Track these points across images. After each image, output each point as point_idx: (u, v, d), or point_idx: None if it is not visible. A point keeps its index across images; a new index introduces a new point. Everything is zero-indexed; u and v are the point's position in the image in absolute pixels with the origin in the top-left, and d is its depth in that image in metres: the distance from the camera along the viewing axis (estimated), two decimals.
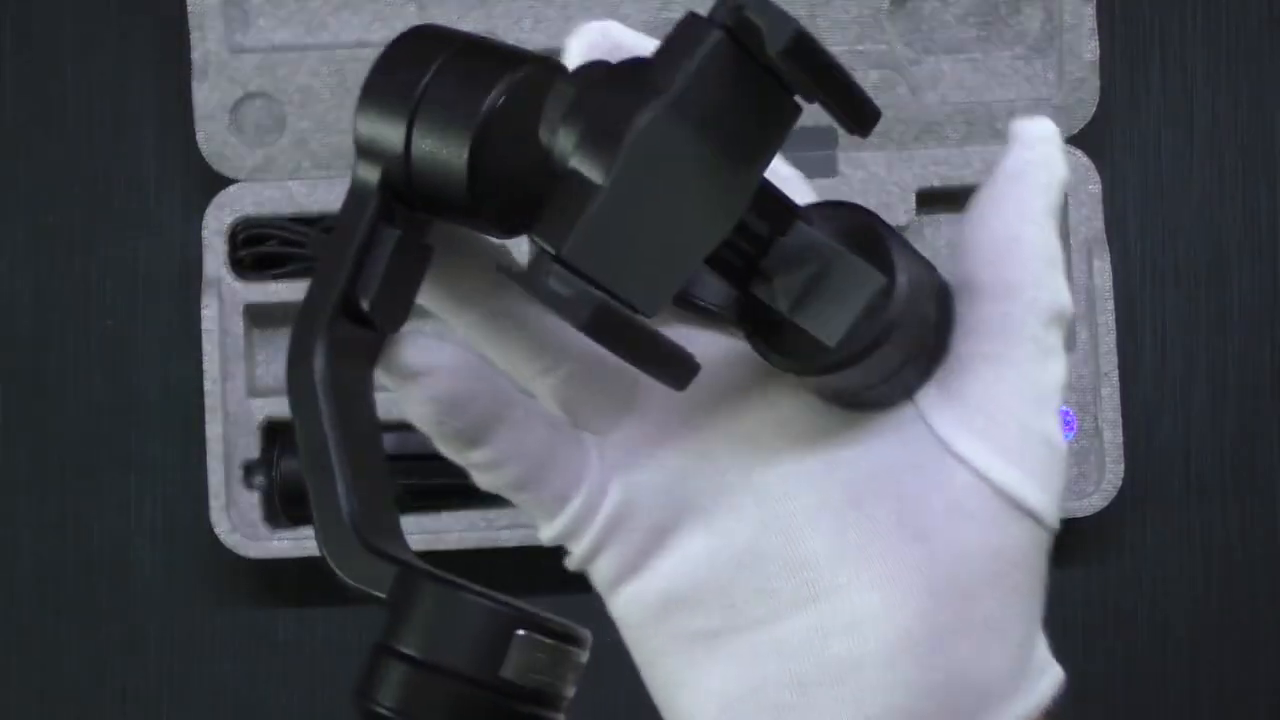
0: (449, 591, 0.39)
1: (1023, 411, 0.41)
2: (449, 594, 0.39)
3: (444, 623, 0.39)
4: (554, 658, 0.40)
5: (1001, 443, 0.41)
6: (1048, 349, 0.41)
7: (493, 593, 0.39)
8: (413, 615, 0.39)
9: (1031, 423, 0.41)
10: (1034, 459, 0.41)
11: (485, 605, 0.38)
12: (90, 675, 0.89)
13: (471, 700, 0.38)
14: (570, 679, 0.41)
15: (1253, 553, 0.90)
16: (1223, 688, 0.90)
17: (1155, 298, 0.91)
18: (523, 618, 0.39)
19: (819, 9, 0.87)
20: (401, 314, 0.44)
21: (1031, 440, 0.41)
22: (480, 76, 0.40)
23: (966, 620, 0.40)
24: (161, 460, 0.89)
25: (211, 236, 0.86)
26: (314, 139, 0.87)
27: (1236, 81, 0.91)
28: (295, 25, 0.88)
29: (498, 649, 0.38)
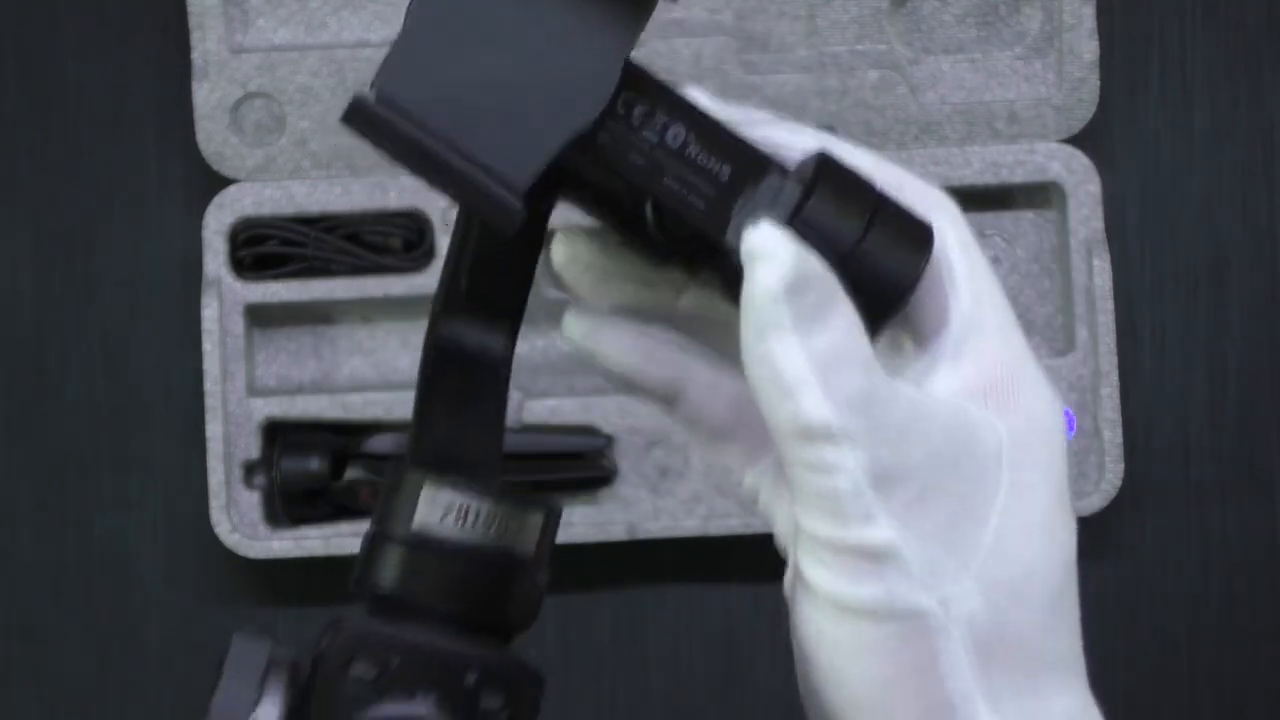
0: (412, 475, 0.44)
1: (823, 531, 0.43)
2: (410, 477, 0.44)
3: (395, 499, 0.44)
4: (497, 517, 0.44)
5: (814, 555, 0.43)
6: (822, 472, 0.43)
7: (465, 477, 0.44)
8: (382, 499, 0.45)
9: (831, 539, 0.43)
10: (840, 566, 0.43)
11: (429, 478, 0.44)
12: (90, 675, 0.89)
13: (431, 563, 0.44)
14: (532, 539, 0.45)
15: (1253, 553, 0.90)
16: (1223, 688, 0.90)
17: (1155, 298, 0.91)
18: (463, 485, 0.44)
19: (819, 9, 0.87)
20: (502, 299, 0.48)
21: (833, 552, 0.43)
22: None
23: (843, 700, 0.44)
24: (161, 460, 0.89)
25: (211, 236, 0.86)
26: (314, 139, 0.87)
27: (1236, 81, 0.91)
28: (295, 25, 0.88)
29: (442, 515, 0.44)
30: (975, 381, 0.45)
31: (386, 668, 0.44)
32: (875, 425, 0.43)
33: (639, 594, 0.89)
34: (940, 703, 0.43)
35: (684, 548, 0.88)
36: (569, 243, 0.49)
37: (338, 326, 0.89)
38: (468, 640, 0.44)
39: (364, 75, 0.86)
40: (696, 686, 0.89)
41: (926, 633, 0.43)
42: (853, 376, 0.42)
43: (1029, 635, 0.44)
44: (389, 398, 0.86)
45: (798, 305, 0.42)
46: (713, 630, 0.89)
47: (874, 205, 0.44)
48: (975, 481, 0.44)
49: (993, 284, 0.46)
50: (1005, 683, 0.44)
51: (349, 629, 0.44)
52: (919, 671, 0.43)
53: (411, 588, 0.44)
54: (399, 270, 0.87)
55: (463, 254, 0.46)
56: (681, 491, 0.86)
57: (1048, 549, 0.44)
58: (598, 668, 0.89)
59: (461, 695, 0.44)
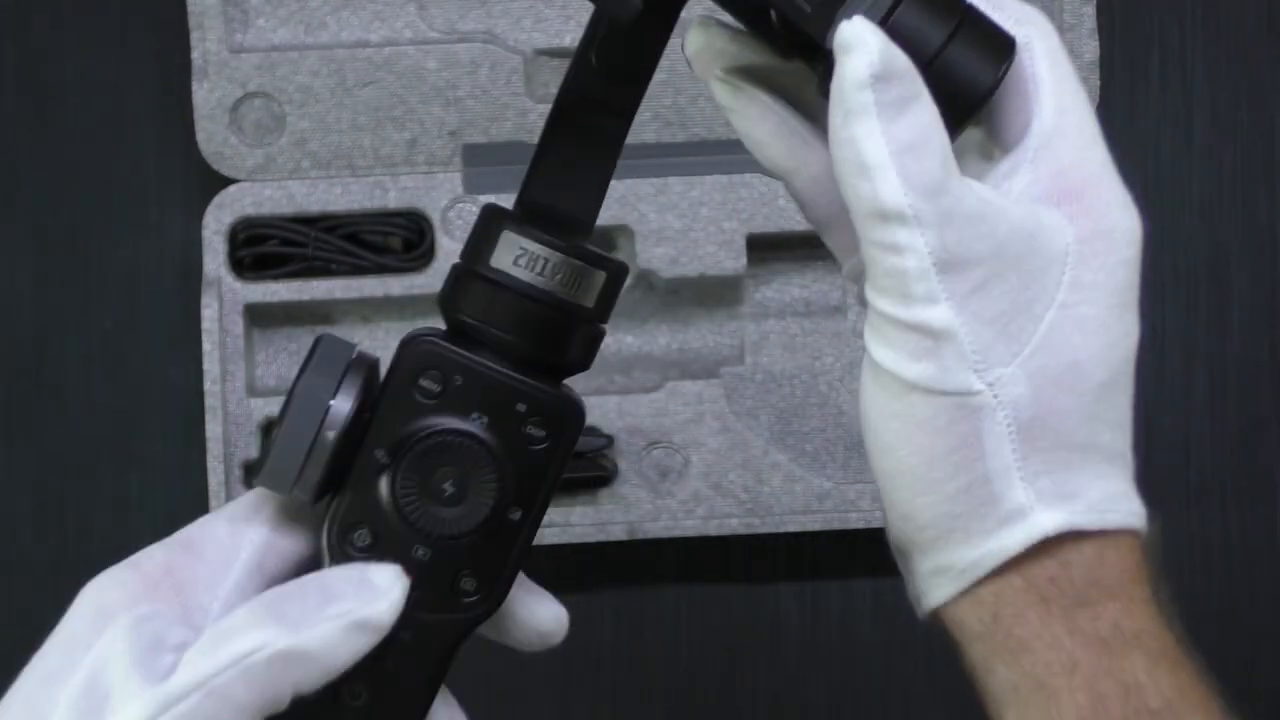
0: (497, 221, 0.51)
1: (888, 308, 0.48)
2: (495, 223, 0.51)
3: (480, 238, 0.51)
4: (565, 270, 0.51)
5: (881, 333, 0.48)
6: (892, 252, 0.47)
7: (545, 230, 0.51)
8: (470, 236, 0.52)
9: (895, 316, 0.48)
10: (901, 342, 0.48)
11: (510, 226, 0.51)
12: None
13: (506, 301, 0.50)
14: (586, 290, 0.51)
15: (1253, 553, 0.90)
16: (1223, 688, 0.90)
17: (1155, 298, 0.91)
18: (540, 238, 0.50)
19: None
20: (628, 65, 0.52)
21: (897, 328, 0.48)
22: None
23: (893, 469, 0.49)
24: (161, 460, 0.89)
25: (211, 236, 0.86)
26: (314, 139, 0.87)
27: (1236, 81, 0.91)
28: (295, 25, 0.88)
29: (515, 258, 0.50)
30: (1050, 186, 0.49)
31: (449, 385, 0.50)
32: (945, 213, 0.46)
33: (639, 594, 0.89)
34: (980, 476, 0.48)
35: (684, 548, 0.88)
36: (703, 30, 0.53)
37: (338, 326, 0.89)
38: (525, 373, 0.50)
39: (364, 75, 0.86)
40: (696, 686, 0.89)
41: (973, 411, 0.47)
42: (928, 165, 0.46)
43: (1071, 423, 0.48)
44: None
45: (882, 93, 0.46)
46: (713, 630, 0.89)
47: (960, 15, 0.48)
48: (1037, 277, 0.47)
49: (1078, 97, 0.50)
50: (1043, 464, 0.48)
51: (424, 346, 0.50)
52: (963, 446, 0.47)
53: (479, 319, 0.51)
54: (399, 270, 0.87)
55: (594, 37, 0.52)
56: (681, 491, 0.86)
57: (1099, 346, 0.48)
58: (598, 668, 0.89)
59: (510, 420, 0.50)
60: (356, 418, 0.50)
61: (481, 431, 0.50)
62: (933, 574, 0.49)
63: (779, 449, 0.87)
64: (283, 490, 0.50)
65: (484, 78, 0.87)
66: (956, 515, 0.48)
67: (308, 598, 0.48)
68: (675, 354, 0.89)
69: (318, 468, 0.50)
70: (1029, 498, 0.48)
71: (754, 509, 0.86)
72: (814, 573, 0.89)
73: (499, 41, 0.87)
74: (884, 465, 0.49)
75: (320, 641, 0.47)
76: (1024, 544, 0.48)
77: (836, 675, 0.89)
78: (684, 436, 0.86)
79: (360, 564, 0.49)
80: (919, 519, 0.49)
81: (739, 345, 0.89)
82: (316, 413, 0.50)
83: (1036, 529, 0.48)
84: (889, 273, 0.47)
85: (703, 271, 0.86)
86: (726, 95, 0.52)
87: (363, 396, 0.50)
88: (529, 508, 0.51)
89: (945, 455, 0.48)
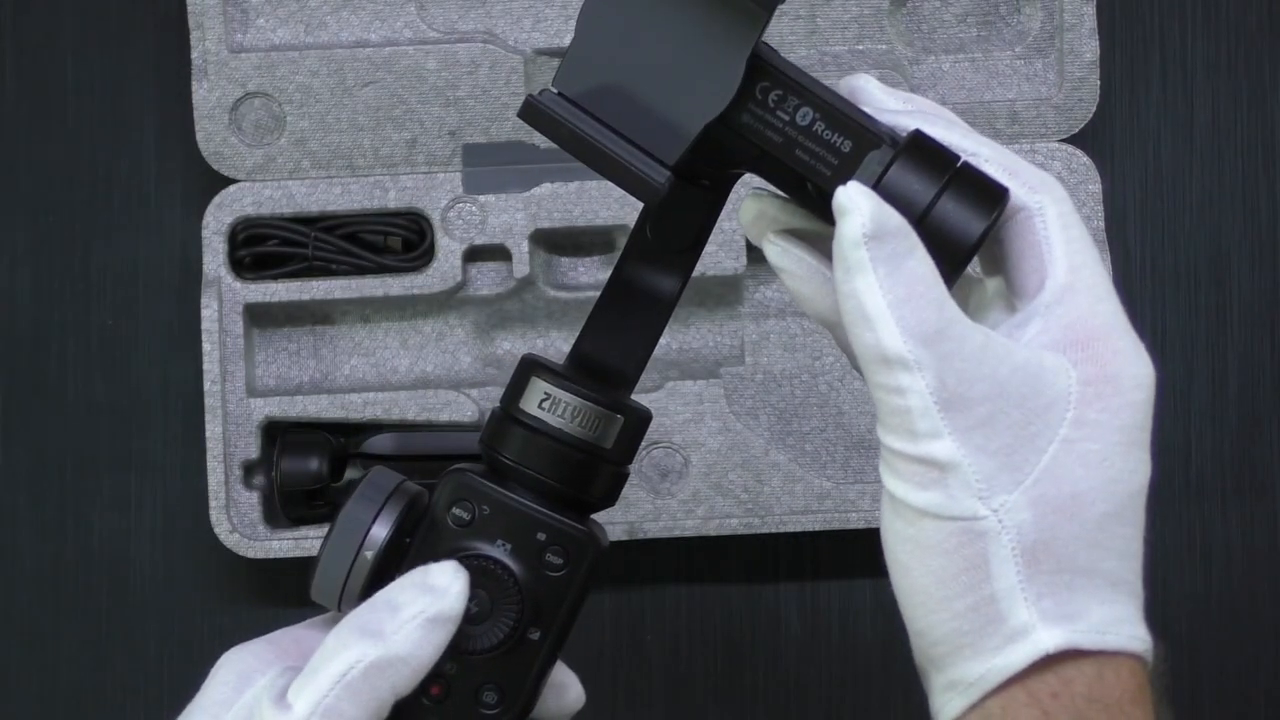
0: (530, 369, 0.56)
1: (895, 444, 0.52)
2: (528, 370, 0.56)
3: (515, 384, 0.57)
4: (586, 415, 0.56)
5: (891, 465, 0.53)
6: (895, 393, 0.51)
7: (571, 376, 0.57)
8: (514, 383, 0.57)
9: (903, 451, 0.52)
10: (909, 474, 0.52)
11: (538, 373, 0.56)
12: (90, 675, 0.89)
13: (536, 443, 0.56)
14: (607, 435, 0.57)
15: (1253, 553, 0.90)
16: (1223, 688, 0.90)
17: (1155, 298, 0.91)
18: (563, 384, 0.56)
19: (819, 9, 0.87)
20: (680, 243, 0.58)
21: (905, 462, 0.52)
22: None
23: (909, 587, 0.52)
24: (161, 460, 0.89)
25: (211, 236, 0.86)
26: (314, 139, 0.87)
27: (1236, 81, 0.91)
28: (295, 25, 0.88)
29: (540, 401, 0.56)
30: (1060, 336, 0.52)
31: (478, 514, 0.56)
32: (945, 356, 0.50)
33: (639, 594, 0.89)
34: (988, 596, 0.51)
35: (684, 548, 0.88)
36: (756, 200, 0.57)
37: (337, 326, 0.89)
38: (549, 506, 0.56)
39: (363, 75, 0.86)
40: (696, 686, 0.89)
41: (979, 535, 0.51)
42: (925, 314, 0.51)
43: (1073, 549, 0.51)
44: (388, 398, 0.86)
45: (876, 250, 0.51)
46: (713, 630, 0.89)
47: (951, 172, 0.52)
48: (1040, 414, 0.51)
49: (1090, 255, 0.54)
50: (1046, 585, 0.51)
51: (459, 479, 0.56)
52: (972, 568, 0.51)
53: (506, 454, 0.56)
54: (399, 270, 0.87)
55: (649, 212, 0.57)
56: (681, 491, 0.86)
57: (1102, 479, 0.51)
58: (597, 668, 0.89)
59: (530, 547, 0.56)
60: (394, 540, 0.55)
61: (504, 557, 0.55)
62: (946, 689, 0.53)
63: (779, 449, 0.87)
64: (331, 604, 0.56)
65: (484, 78, 0.87)
66: (965, 632, 0.52)
67: (382, 610, 0.53)
68: (675, 354, 0.89)
69: (359, 584, 0.55)
70: (1032, 617, 0.51)
71: (754, 509, 0.86)
72: (814, 573, 0.89)
73: (499, 41, 0.87)
74: (901, 584, 0.53)
75: (405, 644, 0.53)
76: (1027, 660, 0.51)
77: (836, 675, 0.89)
78: (684, 436, 0.86)
79: (420, 568, 0.55)
80: (932, 635, 0.52)
81: (739, 345, 0.89)
82: (357, 535, 0.55)
83: (1038, 646, 0.51)
84: (894, 412, 0.51)
85: (703, 271, 0.86)
86: (777, 256, 0.56)
87: (401, 522, 0.56)
88: (548, 629, 0.56)
89: (955, 576, 0.51)
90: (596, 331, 0.58)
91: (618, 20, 0.51)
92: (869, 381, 0.52)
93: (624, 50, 0.51)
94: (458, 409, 0.85)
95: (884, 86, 0.55)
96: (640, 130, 0.50)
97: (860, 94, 0.55)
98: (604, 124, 0.50)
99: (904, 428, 0.51)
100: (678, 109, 0.51)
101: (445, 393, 0.86)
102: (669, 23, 0.51)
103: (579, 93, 0.50)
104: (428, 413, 0.86)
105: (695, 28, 0.51)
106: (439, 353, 0.89)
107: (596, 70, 0.50)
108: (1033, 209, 0.54)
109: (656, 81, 0.51)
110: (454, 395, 0.86)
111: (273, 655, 0.56)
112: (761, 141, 0.53)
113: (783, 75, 0.53)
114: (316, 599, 0.56)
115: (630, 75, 0.51)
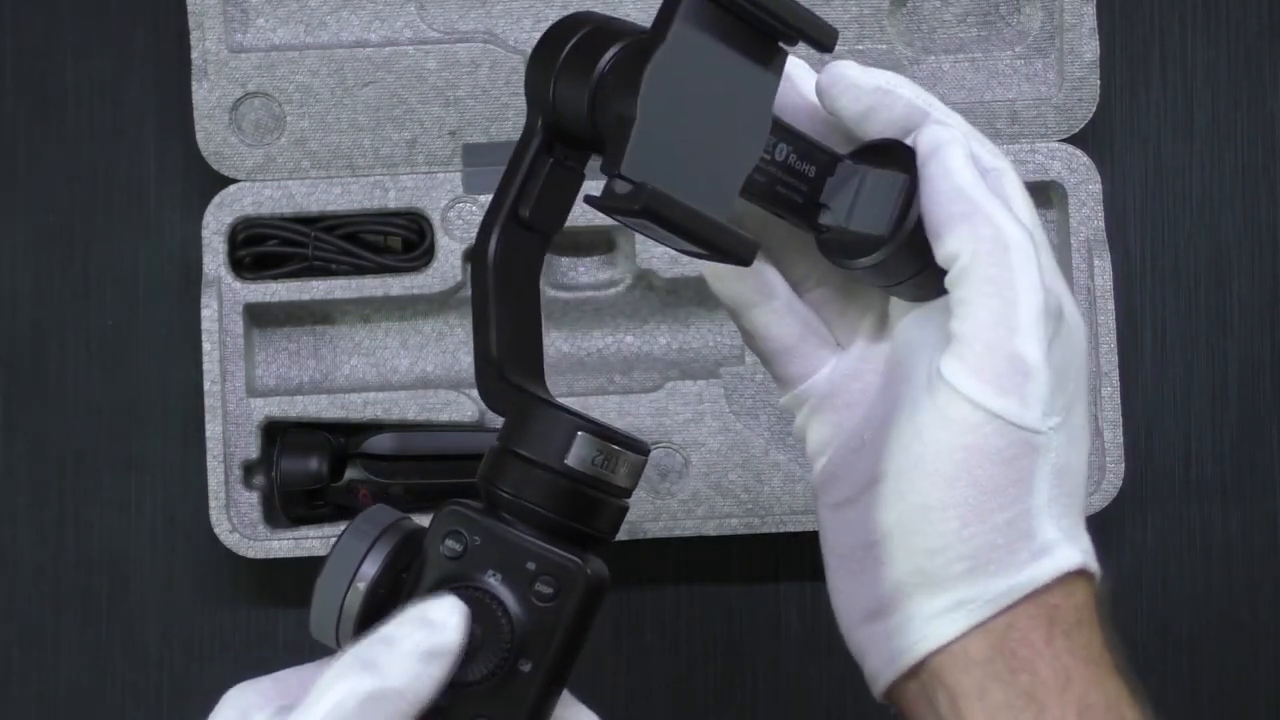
0: (541, 407, 0.56)
1: (990, 337, 0.52)
2: (540, 409, 0.56)
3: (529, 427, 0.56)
4: (606, 454, 0.55)
5: (972, 364, 0.52)
6: (1004, 281, 0.52)
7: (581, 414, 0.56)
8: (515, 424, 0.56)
9: (997, 345, 0.52)
10: (996, 373, 0.52)
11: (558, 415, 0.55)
12: (90, 675, 0.89)
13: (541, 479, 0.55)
14: (622, 471, 0.56)
15: (1253, 553, 0.90)
16: (1223, 688, 0.90)
17: (1155, 298, 0.91)
18: (585, 425, 0.55)
19: (819, 9, 0.87)
20: (556, 223, 0.58)
21: (996, 359, 0.52)
22: (597, 48, 0.55)
23: (947, 500, 0.53)
24: (161, 460, 0.89)
25: (211, 236, 0.86)
26: (314, 139, 0.87)
27: (1236, 81, 0.91)
28: (295, 25, 0.88)
29: (564, 445, 0.55)
30: None
31: (469, 545, 0.55)
32: (1041, 246, 0.54)
33: (639, 594, 0.89)
34: (1024, 512, 0.53)
35: (684, 548, 0.88)
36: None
37: (337, 326, 0.89)
38: (546, 540, 0.55)
39: (363, 75, 0.86)
40: (696, 687, 0.89)
41: (1034, 449, 0.53)
42: (1028, 208, 0.56)
43: (1077, 478, 0.55)
44: (388, 398, 0.86)
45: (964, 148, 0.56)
46: (713, 630, 0.89)
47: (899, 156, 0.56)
48: (1074, 344, 0.55)
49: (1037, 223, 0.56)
50: (1062, 508, 0.54)
51: (452, 511, 0.56)
52: (1018, 482, 0.53)
53: (508, 489, 0.56)
54: (399, 270, 0.87)
55: (524, 194, 0.58)
56: (681, 491, 0.86)
57: (1086, 419, 0.55)
58: (598, 668, 0.89)
59: (520, 577, 0.55)
60: (388, 573, 0.55)
61: (494, 586, 0.55)
62: (946, 611, 0.53)
63: (779, 449, 0.87)
64: (330, 640, 0.56)
65: (484, 78, 0.87)
66: (997, 546, 0.53)
67: (379, 644, 0.53)
68: (675, 354, 0.89)
69: (353, 616, 0.55)
70: (1056, 534, 0.53)
71: (754, 509, 0.86)
72: (814, 573, 0.89)
73: (499, 41, 0.87)
74: (935, 498, 0.53)
75: (401, 676, 0.52)
76: (1053, 575, 0.54)
77: (836, 675, 0.89)
78: (684, 436, 0.86)
79: (419, 603, 0.54)
80: (957, 550, 0.53)
81: (739, 345, 0.89)
82: (350, 567, 0.55)
83: (1063, 563, 0.54)
84: (1004, 303, 0.52)
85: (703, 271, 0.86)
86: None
87: (396, 556, 0.56)
88: (539, 661, 0.55)
89: (1002, 488, 0.52)
90: (502, 327, 0.57)
91: (670, 96, 0.52)
92: (967, 277, 0.53)
93: (674, 125, 0.52)
94: (458, 409, 0.86)
95: (862, 68, 0.57)
96: (695, 198, 0.52)
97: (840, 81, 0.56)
98: (684, 204, 0.51)
99: (1006, 322, 0.52)
100: (720, 171, 0.53)
101: (445, 393, 0.86)
102: (710, 92, 0.53)
103: (649, 176, 0.51)
104: (428, 413, 0.86)
105: (730, 91, 0.53)
106: (439, 353, 0.89)
107: (656, 150, 0.51)
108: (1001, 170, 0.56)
109: (701, 149, 0.53)
110: (454, 395, 0.86)
111: (275, 693, 0.56)
112: (750, 186, 0.55)
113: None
114: (316, 635, 0.56)
115: (681, 147, 0.52)
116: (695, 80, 0.52)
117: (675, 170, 0.52)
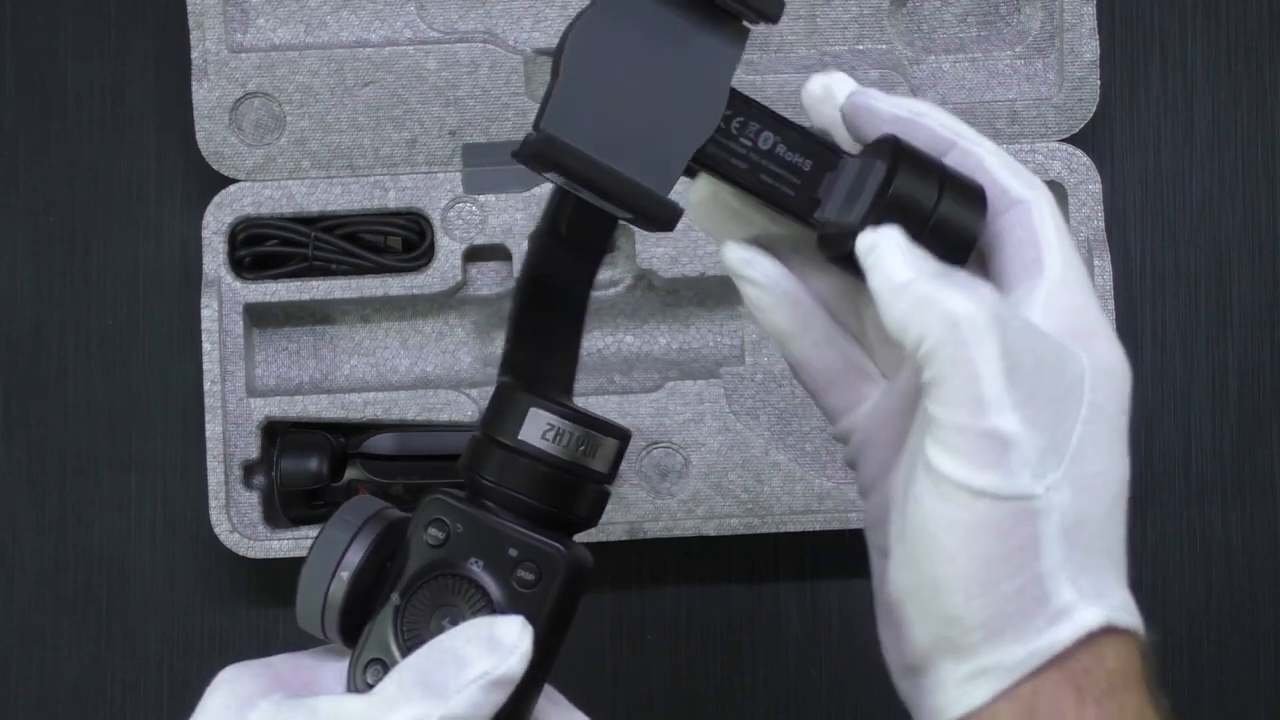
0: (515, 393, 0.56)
1: (960, 419, 0.52)
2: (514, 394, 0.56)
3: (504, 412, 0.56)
4: (581, 438, 0.56)
5: (950, 447, 0.52)
6: (961, 359, 0.51)
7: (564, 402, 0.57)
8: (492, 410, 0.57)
9: (969, 425, 0.51)
10: (972, 451, 0.51)
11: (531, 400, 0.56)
12: (90, 675, 0.89)
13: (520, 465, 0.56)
14: (600, 456, 0.57)
15: (1253, 553, 0.90)
16: (1223, 688, 0.90)
17: (1155, 298, 0.91)
18: (558, 409, 0.56)
19: (819, 9, 0.87)
20: (593, 238, 0.58)
21: (969, 439, 0.51)
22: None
23: (951, 573, 0.52)
24: (161, 460, 0.89)
25: (211, 236, 0.86)
26: (314, 139, 0.87)
27: (1236, 81, 0.91)
28: (295, 25, 0.88)
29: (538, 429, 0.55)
30: (1063, 322, 0.54)
31: (451, 533, 0.55)
32: (1004, 322, 0.52)
33: (639, 594, 0.89)
34: (1034, 577, 0.52)
35: (684, 548, 0.88)
36: (709, 183, 0.58)
37: (337, 326, 0.89)
38: (524, 525, 0.56)
39: (363, 74, 0.86)
40: (696, 686, 0.89)
41: (1033, 515, 0.51)
42: (982, 289, 0.53)
43: (1097, 528, 0.53)
44: (388, 398, 0.86)
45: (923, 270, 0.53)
46: (713, 630, 0.89)
47: (942, 176, 0.54)
48: (1067, 393, 0.53)
49: (1076, 254, 0.55)
50: (1080, 565, 0.52)
51: (434, 500, 0.56)
52: (1022, 549, 0.51)
53: (490, 477, 0.56)
54: (399, 270, 0.87)
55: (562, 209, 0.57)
56: (681, 491, 0.86)
57: (1110, 464, 0.53)
58: (598, 668, 0.89)
59: (502, 563, 0.55)
60: (371, 562, 0.56)
61: (476, 574, 0.55)
62: (972, 678, 0.53)
63: (779, 449, 0.87)
64: (316, 630, 0.56)
65: (484, 78, 0.87)
66: (1010, 614, 0.52)
67: (446, 665, 0.52)
68: (675, 354, 0.89)
69: (336, 607, 0.55)
70: (1074, 596, 0.52)
71: (754, 509, 0.86)
72: (814, 573, 0.89)
73: (499, 41, 0.87)
74: (938, 572, 0.52)
75: (465, 705, 0.52)
76: (1072, 638, 0.52)
77: (836, 675, 0.89)
78: (684, 436, 0.86)
79: (486, 619, 0.54)
80: (970, 620, 0.52)
81: (739, 345, 0.89)
82: (333, 556, 0.55)
83: (1084, 624, 0.52)
84: (963, 382, 0.51)
85: (703, 271, 0.86)
86: (741, 266, 0.57)
87: (379, 545, 0.56)
88: None
89: (1005, 557, 0.51)
90: (527, 339, 0.58)
91: (600, 57, 0.51)
92: (932, 358, 0.52)
93: (608, 86, 0.51)
94: (458, 409, 0.85)
95: (888, 98, 0.56)
96: (631, 166, 0.51)
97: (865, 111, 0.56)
98: (599, 161, 0.51)
99: (971, 400, 0.51)
100: (665, 142, 0.52)
101: (445, 393, 0.86)
102: (652, 57, 0.52)
103: (568, 132, 0.51)
104: (428, 413, 0.86)
105: (677, 60, 0.52)
106: (439, 353, 0.89)
107: (582, 109, 0.51)
108: (1030, 202, 0.55)
109: (642, 116, 0.52)
110: (454, 395, 0.86)
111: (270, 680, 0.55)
112: (729, 171, 0.54)
113: (743, 101, 0.55)
114: (303, 625, 0.56)
115: (616, 111, 0.51)
116: (634, 44, 0.51)
117: (606, 135, 0.51)
